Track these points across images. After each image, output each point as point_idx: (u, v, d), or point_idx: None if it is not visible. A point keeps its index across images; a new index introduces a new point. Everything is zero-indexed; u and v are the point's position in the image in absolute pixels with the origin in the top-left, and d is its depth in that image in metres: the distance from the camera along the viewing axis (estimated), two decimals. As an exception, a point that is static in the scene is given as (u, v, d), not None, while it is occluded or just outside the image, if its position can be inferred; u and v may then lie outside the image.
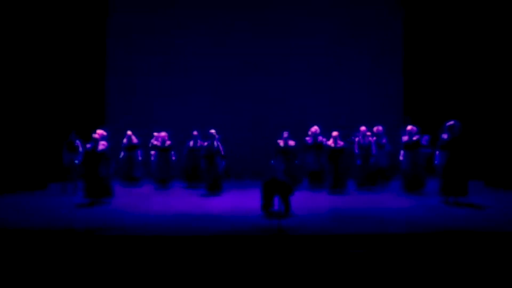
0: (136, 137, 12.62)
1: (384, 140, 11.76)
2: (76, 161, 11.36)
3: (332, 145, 11.06)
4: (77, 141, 11.51)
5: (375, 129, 11.78)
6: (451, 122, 9.43)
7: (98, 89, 14.56)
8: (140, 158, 12.54)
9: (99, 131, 11.06)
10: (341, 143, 11.14)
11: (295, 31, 14.67)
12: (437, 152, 9.62)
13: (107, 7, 14.68)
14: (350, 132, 11.86)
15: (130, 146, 12.49)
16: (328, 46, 14.64)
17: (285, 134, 11.49)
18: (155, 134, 12.44)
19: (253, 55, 14.67)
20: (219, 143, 11.10)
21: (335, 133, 11.14)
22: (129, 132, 12.52)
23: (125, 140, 12.50)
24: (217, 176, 10.97)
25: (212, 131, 11.11)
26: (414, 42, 14.29)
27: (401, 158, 10.87)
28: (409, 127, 10.87)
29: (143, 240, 6.98)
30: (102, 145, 10.00)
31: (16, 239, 7.03)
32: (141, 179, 12.62)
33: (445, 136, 9.44)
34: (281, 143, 11.42)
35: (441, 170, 9.49)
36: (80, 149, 11.36)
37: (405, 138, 10.85)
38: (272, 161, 10.71)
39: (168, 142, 12.24)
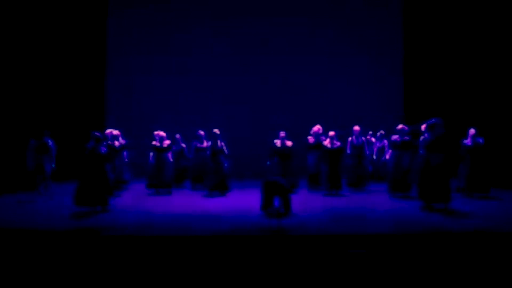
0: (125, 137, 11.69)
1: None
2: (53, 165, 10.46)
3: (329, 145, 10.83)
4: (50, 142, 10.45)
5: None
6: (433, 120, 8.75)
7: (97, 89, 14.59)
8: (126, 159, 11.43)
9: (108, 131, 10.82)
10: (338, 143, 10.88)
11: (295, 32, 14.74)
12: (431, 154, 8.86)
13: (106, 7, 14.71)
14: (351, 132, 11.79)
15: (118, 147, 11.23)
16: (328, 45, 14.70)
17: (282, 134, 10.84)
18: (155, 133, 11.46)
19: (253, 55, 14.72)
20: (222, 142, 11.02)
21: (331, 133, 10.89)
22: (117, 132, 11.35)
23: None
24: (223, 175, 10.87)
25: (215, 130, 11.02)
26: (414, 42, 14.32)
27: (387, 157, 10.55)
28: (399, 126, 10.46)
29: (143, 240, 6.99)
30: (117, 144, 9.52)
31: (16, 239, 7.03)
32: (129, 182, 11.72)
33: (426, 136, 8.76)
34: (278, 143, 10.76)
35: (421, 173, 8.78)
36: (53, 151, 10.46)
37: (395, 137, 10.43)
38: (268, 162, 10.63)
39: (166, 142, 11.36)
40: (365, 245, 6.54)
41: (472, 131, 10.27)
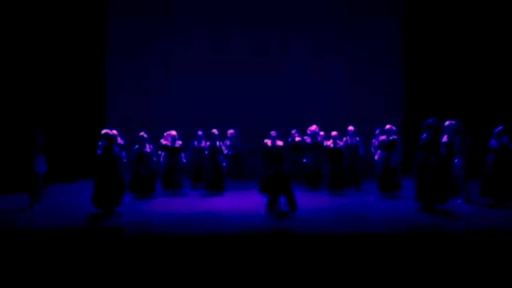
0: (123, 137, 11.05)
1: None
2: (44, 167, 9.50)
3: (331, 145, 10.98)
4: (41, 140, 9.59)
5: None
6: (430, 120, 8.77)
7: (98, 88, 14.59)
8: (125, 160, 10.88)
9: (104, 131, 10.63)
10: (340, 143, 11.06)
11: (296, 31, 14.79)
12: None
13: (106, 6, 14.72)
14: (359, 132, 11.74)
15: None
16: (328, 45, 14.75)
17: (273, 133, 10.57)
18: (165, 133, 11.24)
19: (253, 55, 14.77)
20: (221, 142, 11.15)
21: (334, 133, 11.06)
22: (114, 132, 10.49)
23: None
24: (220, 175, 10.97)
25: (214, 130, 11.13)
26: (414, 41, 14.34)
27: (376, 158, 10.61)
28: (387, 126, 10.44)
29: (145, 240, 7.02)
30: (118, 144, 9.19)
31: (16, 240, 7.05)
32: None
33: (424, 135, 8.76)
34: (268, 142, 10.48)
35: (419, 174, 8.72)
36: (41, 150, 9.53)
37: (382, 137, 10.49)
38: (260, 162, 10.72)
39: (178, 142, 11.14)
40: (367, 245, 6.59)
41: (499, 128, 9.50)
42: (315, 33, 14.75)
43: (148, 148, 10.73)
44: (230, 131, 12.36)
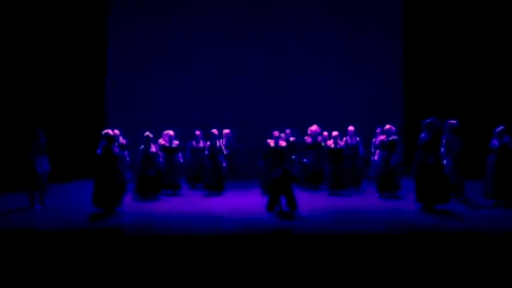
0: (126, 137, 10.98)
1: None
2: (46, 167, 9.45)
3: (332, 145, 10.98)
4: (43, 139, 9.49)
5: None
6: (429, 120, 8.74)
7: (98, 88, 14.58)
8: (128, 159, 10.89)
9: (105, 131, 10.62)
10: (341, 143, 11.06)
11: (296, 31, 14.78)
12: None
13: (106, 6, 14.72)
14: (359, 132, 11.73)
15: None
16: (328, 45, 14.74)
17: (276, 133, 10.68)
18: (163, 133, 11.16)
19: (253, 55, 14.77)
20: (221, 142, 11.14)
21: (335, 133, 11.03)
22: (116, 132, 10.24)
23: None
24: (220, 175, 10.97)
25: (214, 130, 11.10)
26: (415, 41, 14.34)
27: (375, 158, 10.64)
28: (387, 126, 10.41)
29: (145, 240, 7.03)
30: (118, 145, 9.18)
31: (16, 240, 7.05)
32: (129, 183, 10.68)
33: (423, 135, 8.74)
34: (271, 143, 10.58)
35: (419, 174, 8.73)
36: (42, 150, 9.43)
37: (382, 137, 10.49)
38: (261, 162, 10.73)
39: (175, 142, 11.03)
40: (367, 245, 6.60)
41: (500, 128, 9.54)
42: (315, 33, 14.75)
43: (153, 148, 10.62)
44: (226, 131, 12.36)
